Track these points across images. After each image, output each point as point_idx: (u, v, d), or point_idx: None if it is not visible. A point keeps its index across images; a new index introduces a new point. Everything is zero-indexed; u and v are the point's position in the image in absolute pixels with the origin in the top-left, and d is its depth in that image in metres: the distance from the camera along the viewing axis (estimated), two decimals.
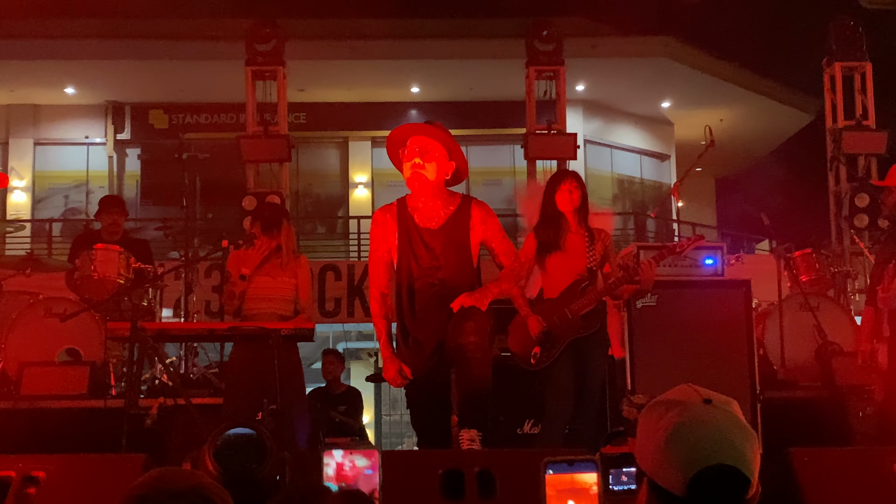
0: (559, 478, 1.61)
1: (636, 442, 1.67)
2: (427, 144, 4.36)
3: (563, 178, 5.27)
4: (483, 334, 4.17)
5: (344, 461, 2.79)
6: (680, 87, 17.02)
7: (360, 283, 10.76)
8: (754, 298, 6.38)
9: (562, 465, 1.63)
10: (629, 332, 5.80)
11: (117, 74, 15.95)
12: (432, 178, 4.36)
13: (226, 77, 13.49)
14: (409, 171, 4.36)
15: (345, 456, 2.76)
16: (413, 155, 4.33)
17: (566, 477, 1.62)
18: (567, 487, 1.61)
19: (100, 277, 6.68)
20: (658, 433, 1.61)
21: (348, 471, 2.81)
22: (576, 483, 1.63)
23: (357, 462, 2.76)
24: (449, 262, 4.40)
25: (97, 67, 15.65)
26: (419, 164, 4.33)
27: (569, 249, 5.15)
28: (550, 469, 1.63)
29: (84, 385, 6.18)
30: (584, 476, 1.64)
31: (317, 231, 18.46)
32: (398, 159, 4.47)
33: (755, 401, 5.73)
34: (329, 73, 15.96)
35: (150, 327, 5.20)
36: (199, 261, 8.16)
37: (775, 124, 18.54)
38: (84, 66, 15.61)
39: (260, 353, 5.10)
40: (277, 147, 10.20)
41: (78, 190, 17.55)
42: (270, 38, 10.34)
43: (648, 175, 19.27)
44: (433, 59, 15.85)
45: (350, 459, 2.77)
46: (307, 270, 5.73)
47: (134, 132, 17.47)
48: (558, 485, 1.61)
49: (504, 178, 17.52)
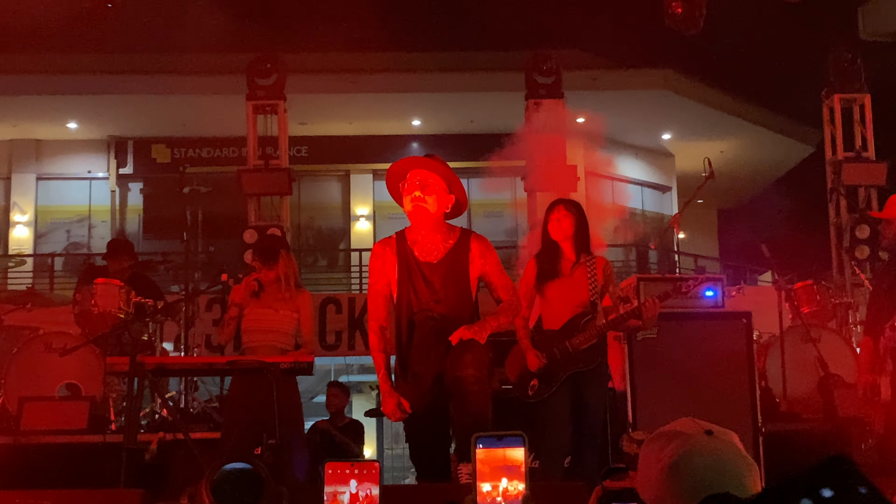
0: (491, 453, 1.64)
1: (637, 474, 1.68)
2: (427, 178, 4.38)
3: (553, 206, 5.30)
4: (482, 367, 4.17)
5: (358, 492, 2.78)
6: (680, 119, 17.10)
7: (362, 315, 10.75)
8: (755, 330, 6.38)
9: (491, 440, 1.66)
10: (630, 365, 5.79)
11: (119, 109, 16.06)
12: (433, 211, 4.38)
13: (227, 111, 13.57)
14: (409, 204, 4.38)
15: (359, 486, 2.75)
16: (413, 188, 4.35)
17: (498, 452, 1.66)
18: (500, 464, 1.64)
19: (100, 312, 6.70)
20: (660, 464, 1.63)
21: (362, 500, 2.81)
22: (507, 460, 1.66)
23: (372, 491, 2.75)
24: (448, 295, 4.41)
25: (99, 102, 15.76)
26: (420, 198, 4.35)
27: (568, 278, 5.15)
28: (480, 443, 1.67)
29: (84, 420, 6.17)
30: (514, 452, 1.67)
31: (318, 264, 18.48)
32: (398, 193, 4.49)
33: (757, 433, 5.71)
34: (330, 107, 16.06)
35: (149, 362, 5.21)
36: (199, 294, 8.17)
37: (776, 156, 18.60)
38: (86, 101, 15.72)
39: (259, 387, 5.10)
40: (278, 180, 10.24)
41: (80, 224, 17.60)
42: (271, 72, 10.41)
43: (649, 207, 19.31)
44: (434, 92, 15.95)
45: (366, 490, 2.76)
46: (309, 305, 5.74)
47: (136, 166, 17.55)
48: (491, 461, 1.63)
49: (505, 209, 17.56)
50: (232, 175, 10.76)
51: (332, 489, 2.79)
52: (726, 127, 17.13)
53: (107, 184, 17.61)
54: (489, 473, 1.58)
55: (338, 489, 2.81)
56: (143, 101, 15.64)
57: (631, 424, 5.63)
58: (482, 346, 4.22)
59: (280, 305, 5.59)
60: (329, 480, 2.68)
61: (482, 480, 1.59)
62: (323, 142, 17.28)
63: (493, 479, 1.58)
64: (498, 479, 1.58)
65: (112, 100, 15.64)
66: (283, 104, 10.47)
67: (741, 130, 17.35)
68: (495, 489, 1.56)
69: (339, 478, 2.81)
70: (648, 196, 19.28)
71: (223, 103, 13.97)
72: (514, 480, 1.60)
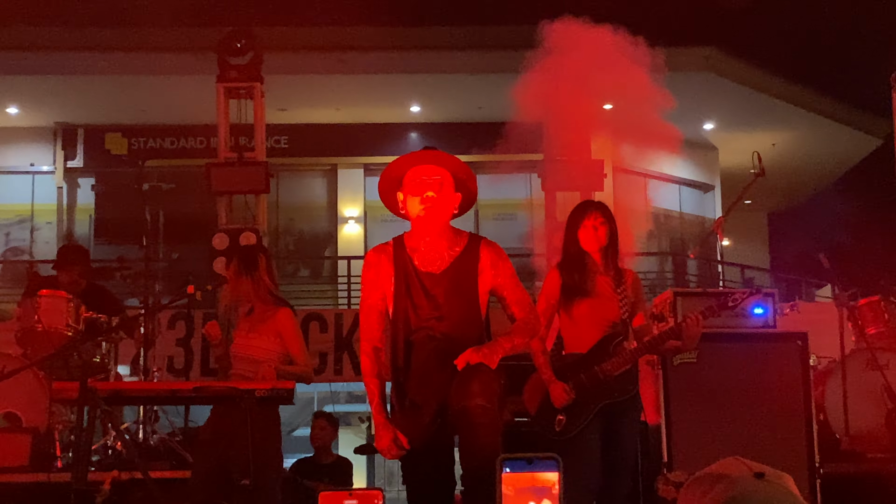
0: (518, 476, 1.67)
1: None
2: (436, 174, 4.38)
3: (587, 211, 5.28)
4: (491, 396, 4.16)
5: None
6: (725, 107, 17.12)
7: (350, 335, 10.77)
8: (812, 354, 6.37)
9: (520, 463, 1.69)
10: (665, 394, 5.80)
11: (68, 92, 16.10)
12: (447, 215, 4.39)
13: (194, 95, 13.59)
14: (418, 207, 4.36)
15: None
16: (424, 187, 4.33)
17: (526, 475, 1.68)
18: (528, 485, 1.66)
19: (45, 329, 6.71)
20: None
21: None
22: (537, 481, 1.69)
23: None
24: (452, 312, 4.40)
25: (44, 83, 15.79)
26: (433, 199, 4.33)
27: (597, 295, 5.16)
28: (507, 467, 1.69)
29: (25, 456, 6.18)
30: (545, 475, 1.69)
31: (299, 274, 18.50)
32: (394, 199, 4.46)
33: (814, 475, 5.71)
34: (315, 90, 16.09)
35: (102, 388, 5.21)
36: (161, 309, 8.19)
37: (837, 150, 18.61)
38: (30, 83, 15.75)
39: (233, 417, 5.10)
40: (254, 176, 10.26)
41: (21, 226, 17.64)
42: (246, 49, 10.44)
43: (689, 209, 19.31)
44: (436, 73, 15.98)
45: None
46: (291, 323, 5.71)
47: (87, 159, 17.60)
48: (517, 483, 1.66)
49: (518, 211, 17.58)
50: (199, 170, 10.79)
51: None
52: (778, 115, 17.15)
53: (53, 179, 17.65)
54: (514, 496, 1.61)
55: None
56: (95, 82, 15.68)
57: (666, 464, 5.63)
58: (492, 372, 4.21)
59: (260, 329, 5.58)
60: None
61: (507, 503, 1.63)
62: (306, 131, 17.31)
63: (520, 501, 1.61)
64: (525, 503, 1.61)
65: (59, 81, 15.68)
66: (260, 87, 10.49)
67: (796, 120, 17.36)
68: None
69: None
70: (687, 196, 19.29)
71: (189, 85, 14.00)
72: (546, 501, 1.63)
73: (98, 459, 6.68)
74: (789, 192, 19.59)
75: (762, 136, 16.99)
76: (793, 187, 19.41)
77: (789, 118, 17.27)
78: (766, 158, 8.01)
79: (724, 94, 16.58)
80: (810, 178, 19.69)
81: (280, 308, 5.71)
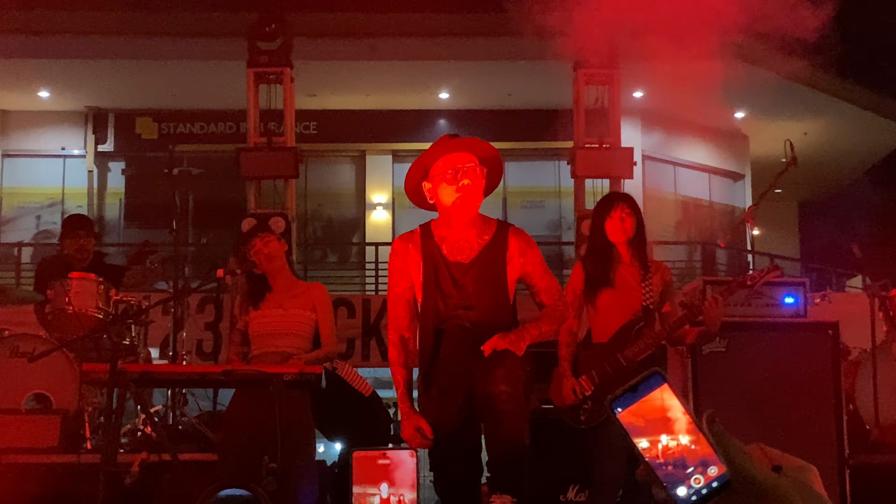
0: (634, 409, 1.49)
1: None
2: (470, 161, 4.37)
3: (614, 202, 5.28)
4: (517, 383, 4.16)
5: (389, 497, 2.79)
6: (756, 94, 16.94)
7: (378, 320, 10.78)
8: (843, 344, 6.33)
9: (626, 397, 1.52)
10: (693, 384, 5.78)
11: (99, 76, 16.16)
12: (479, 202, 4.39)
13: (224, 80, 13.65)
14: (452, 196, 4.34)
15: (391, 491, 2.76)
16: (461, 176, 4.32)
17: (641, 405, 1.49)
18: (657, 416, 1.48)
19: (75, 311, 6.74)
20: None
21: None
22: (656, 410, 1.49)
23: (405, 497, 2.76)
24: (482, 300, 4.40)
25: (76, 68, 15.86)
26: (469, 187, 4.33)
27: (620, 285, 5.16)
28: (618, 407, 1.52)
29: (55, 437, 6.22)
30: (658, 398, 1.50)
31: (327, 260, 18.55)
32: (420, 192, 4.45)
33: (843, 466, 5.68)
34: (344, 76, 16.10)
35: (132, 370, 5.24)
36: (190, 293, 8.22)
37: (870, 139, 18.45)
38: (61, 67, 15.82)
39: (261, 402, 5.12)
40: (283, 161, 10.28)
41: (52, 210, 17.73)
42: (276, 35, 10.46)
43: (718, 197, 19.21)
44: (465, 60, 15.93)
45: (398, 495, 2.77)
46: (327, 301, 5.72)
47: (118, 143, 17.67)
48: (638, 414, 1.49)
49: (547, 199, 17.54)
50: (229, 154, 10.83)
51: (361, 490, 2.76)
52: (810, 104, 17.01)
53: (83, 163, 17.74)
54: (645, 427, 1.48)
55: (367, 490, 2.79)
56: (126, 67, 15.73)
57: None
58: (518, 359, 4.20)
59: (291, 303, 5.59)
60: (359, 477, 2.66)
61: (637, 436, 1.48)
62: (335, 117, 17.33)
63: (652, 432, 1.48)
64: (657, 434, 1.48)
65: (90, 65, 15.74)
66: (290, 72, 10.51)
67: (828, 109, 17.22)
68: (654, 446, 1.47)
69: (370, 474, 2.77)
70: (717, 185, 19.18)
71: (220, 71, 14.05)
72: (679, 422, 1.49)
73: (127, 441, 6.71)
74: (820, 181, 19.44)
75: (793, 125, 16.86)
76: (824, 177, 19.26)
77: (821, 107, 17.13)
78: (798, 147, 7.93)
79: (756, 82, 16.43)
80: (841, 167, 19.53)
81: (315, 283, 5.75)
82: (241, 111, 11.01)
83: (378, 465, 2.64)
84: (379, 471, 2.61)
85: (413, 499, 2.58)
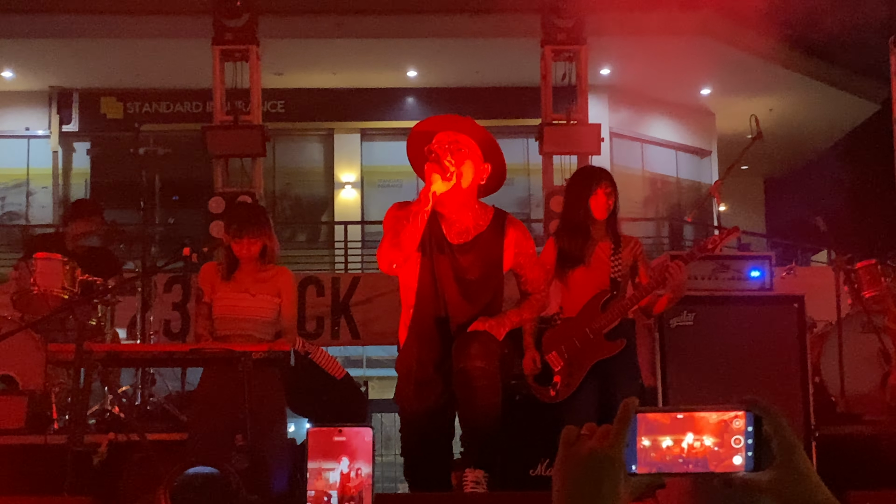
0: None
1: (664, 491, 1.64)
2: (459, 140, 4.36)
3: (599, 179, 5.24)
4: (491, 358, 4.18)
5: (350, 472, 2.78)
6: (722, 71, 17.04)
7: (347, 299, 10.76)
8: (809, 317, 6.37)
9: None
10: (661, 357, 5.80)
11: (63, 55, 16.00)
12: (466, 183, 4.37)
13: (190, 58, 13.53)
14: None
15: (350, 466, 2.75)
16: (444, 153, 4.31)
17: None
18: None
19: (40, 291, 6.68)
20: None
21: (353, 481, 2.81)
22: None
23: (363, 470, 2.75)
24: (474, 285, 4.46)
25: (39, 47, 15.70)
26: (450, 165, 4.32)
27: (592, 262, 5.17)
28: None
29: (21, 418, 6.17)
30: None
31: (296, 239, 18.48)
32: (420, 160, 4.41)
33: (809, 437, 5.72)
34: (311, 54, 16.01)
35: (98, 350, 5.20)
36: (157, 272, 8.17)
37: (834, 114, 18.57)
38: (24, 46, 15.65)
39: (231, 381, 5.09)
40: (250, 140, 10.20)
41: (17, 190, 17.60)
42: (241, 11, 10.34)
43: (685, 174, 19.30)
44: (433, 37, 15.89)
45: (354, 469, 2.75)
46: (292, 287, 5.71)
47: (83, 123, 17.52)
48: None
49: (516, 176, 17.54)
50: (195, 134, 10.73)
51: (316, 465, 2.73)
52: (776, 80, 17.09)
53: (48, 143, 17.59)
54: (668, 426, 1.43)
55: (323, 466, 2.76)
56: (90, 46, 15.58)
57: None
58: (493, 337, 4.23)
59: (258, 288, 5.56)
60: (314, 452, 2.65)
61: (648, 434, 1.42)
62: (302, 95, 17.24)
63: (675, 431, 1.43)
64: (682, 434, 1.43)
65: (54, 44, 15.59)
66: (256, 50, 10.41)
67: (793, 85, 17.31)
68: (677, 444, 1.42)
69: (326, 449, 2.75)
70: (684, 161, 19.26)
71: (185, 49, 13.92)
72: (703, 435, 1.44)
73: (94, 422, 6.67)
74: (786, 157, 19.57)
75: (759, 102, 16.93)
76: (789, 152, 19.38)
77: (787, 83, 17.22)
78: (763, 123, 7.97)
79: (722, 59, 16.51)
80: (807, 143, 19.65)
81: (284, 269, 5.71)
82: (207, 90, 10.91)
83: (334, 441, 2.63)
84: (335, 447, 2.60)
85: (369, 473, 2.58)
